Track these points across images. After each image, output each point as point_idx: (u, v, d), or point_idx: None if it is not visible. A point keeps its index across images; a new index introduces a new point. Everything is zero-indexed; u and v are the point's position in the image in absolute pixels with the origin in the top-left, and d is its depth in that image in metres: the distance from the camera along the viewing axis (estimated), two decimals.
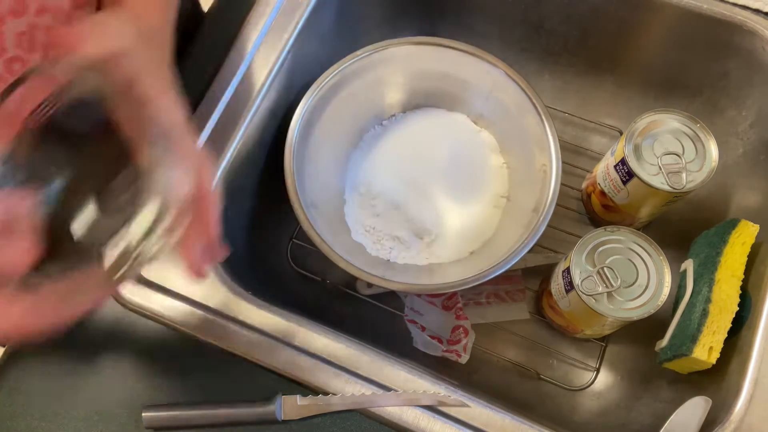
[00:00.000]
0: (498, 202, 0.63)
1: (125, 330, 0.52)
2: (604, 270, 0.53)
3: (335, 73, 0.61)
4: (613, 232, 0.54)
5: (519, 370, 0.64)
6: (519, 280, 0.66)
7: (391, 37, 0.62)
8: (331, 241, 0.56)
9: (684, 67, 0.66)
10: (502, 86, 0.61)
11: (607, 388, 0.63)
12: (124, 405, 0.49)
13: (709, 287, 0.52)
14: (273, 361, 0.50)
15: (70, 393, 0.50)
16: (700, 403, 0.48)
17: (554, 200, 0.55)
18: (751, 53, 0.60)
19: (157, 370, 0.51)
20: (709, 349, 0.50)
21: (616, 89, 0.72)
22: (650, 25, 0.65)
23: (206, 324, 0.51)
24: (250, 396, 0.49)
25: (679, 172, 0.55)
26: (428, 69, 0.64)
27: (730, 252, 0.53)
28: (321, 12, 0.63)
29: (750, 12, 0.60)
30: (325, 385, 0.49)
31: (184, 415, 0.48)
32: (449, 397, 0.48)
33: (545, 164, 0.57)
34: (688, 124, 0.57)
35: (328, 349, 0.50)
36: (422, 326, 0.64)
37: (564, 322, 0.60)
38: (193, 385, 0.50)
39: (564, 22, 0.68)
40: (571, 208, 0.69)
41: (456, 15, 0.72)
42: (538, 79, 0.72)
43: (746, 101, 0.62)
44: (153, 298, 0.52)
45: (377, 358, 0.50)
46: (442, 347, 0.63)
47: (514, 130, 0.63)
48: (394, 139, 0.66)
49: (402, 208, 0.62)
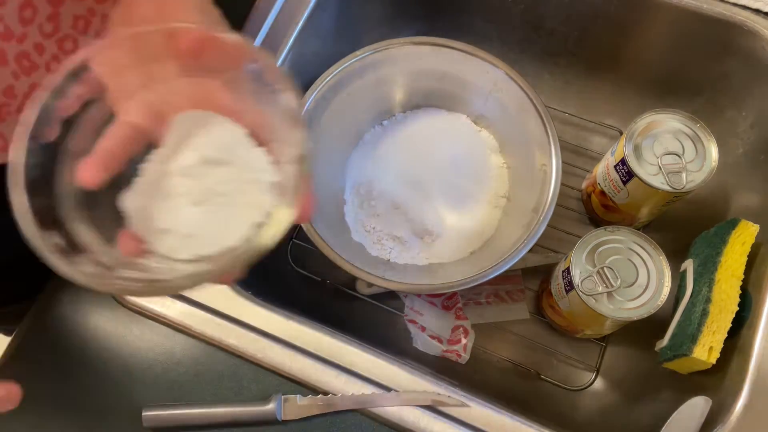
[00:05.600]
0: (498, 202, 0.63)
1: (125, 330, 0.52)
2: (604, 270, 0.53)
3: (335, 73, 0.61)
4: (613, 232, 0.54)
5: (519, 370, 0.64)
6: (519, 280, 0.66)
7: (391, 37, 0.62)
8: (332, 241, 0.56)
9: (684, 67, 0.66)
10: (502, 86, 0.61)
11: (607, 388, 0.63)
12: (124, 405, 0.49)
13: (709, 287, 0.52)
14: (273, 361, 0.50)
15: (70, 393, 0.50)
16: (700, 403, 0.48)
17: (554, 200, 0.55)
18: (751, 53, 0.60)
19: (157, 370, 0.51)
20: (709, 349, 0.50)
21: (616, 89, 0.72)
22: (650, 25, 0.65)
23: (206, 324, 0.51)
24: (250, 396, 0.49)
25: (679, 172, 0.55)
26: (428, 69, 0.64)
27: (730, 252, 0.53)
28: (321, 12, 0.63)
29: (750, 12, 0.60)
30: (325, 385, 0.49)
31: (184, 415, 0.48)
32: (449, 397, 0.48)
33: (545, 164, 0.57)
34: (688, 124, 0.57)
35: (328, 349, 0.50)
36: (422, 326, 0.64)
37: (564, 322, 0.60)
38: (193, 385, 0.50)
39: (564, 22, 0.68)
40: (571, 208, 0.69)
41: (456, 15, 0.72)
42: (538, 79, 0.72)
43: (746, 101, 0.62)
44: (153, 299, 0.52)
45: (377, 358, 0.50)
46: (442, 347, 0.63)
47: (514, 130, 0.63)
48: (395, 139, 0.66)
49: (402, 208, 0.62)
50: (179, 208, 0.33)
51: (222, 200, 0.33)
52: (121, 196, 0.34)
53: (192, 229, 0.33)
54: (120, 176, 0.33)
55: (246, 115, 0.34)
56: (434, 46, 0.62)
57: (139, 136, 0.34)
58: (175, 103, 0.34)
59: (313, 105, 0.60)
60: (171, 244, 0.33)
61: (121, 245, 0.33)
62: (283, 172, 0.32)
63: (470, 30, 0.72)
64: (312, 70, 0.61)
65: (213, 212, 0.33)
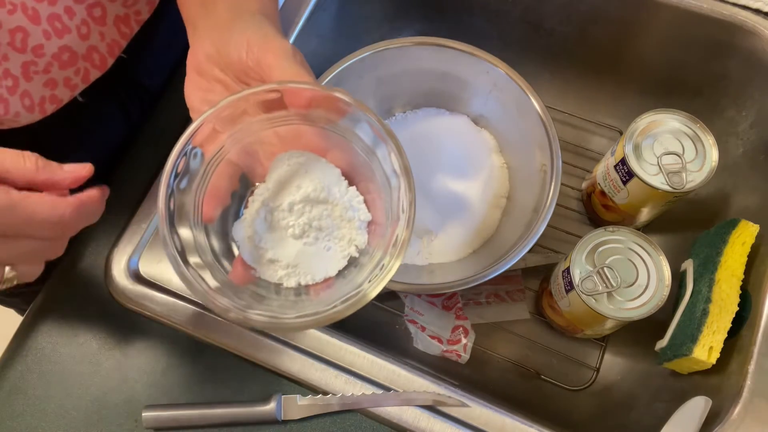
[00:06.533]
0: (498, 202, 0.63)
1: (125, 330, 0.52)
2: (604, 270, 0.53)
3: (335, 73, 0.61)
4: (613, 232, 0.54)
5: (519, 370, 0.64)
6: (519, 280, 0.66)
7: (391, 37, 0.62)
8: None
9: (684, 67, 0.66)
10: (502, 86, 0.61)
11: (607, 388, 0.63)
12: (124, 405, 0.49)
13: (709, 287, 0.52)
14: (273, 361, 0.50)
15: (70, 393, 0.50)
16: (700, 403, 0.48)
17: (554, 200, 0.55)
18: (751, 53, 0.60)
19: (157, 370, 0.51)
20: (709, 349, 0.50)
21: (616, 89, 0.72)
22: (650, 25, 0.65)
23: (207, 324, 0.51)
24: (250, 396, 0.49)
25: (679, 172, 0.55)
26: (428, 69, 0.64)
27: (730, 252, 0.53)
28: (321, 12, 0.63)
29: (750, 12, 0.60)
30: (325, 385, 0.49)
31: (184, 415, 0.48)
32: (449, 397, 0.48)
33: (545, 164, 0.57)
34: (688, 124, 0.57)
35: (328, 349, 0.50)
36: (422, 326, 0.64)
37: (564, 322, 0.60)
38: (193, 385, 0.50)
39: (564, 22, 0.68)
40: (571, 208, 0.69)
41: (456, 15, 0.72)
42: (538, 79, 0.72)
43: (746, 101, 0.62)
44: (153, 298, 0.52)
45: (377, 358, 0.50)
46: (442, 347, 0.63)
47: (514, 130, 0.63)
48: None
49: None
50: (283, 239, 0.37)
51: (320, 234, 0.37)
52: (234, 227, 0.38)
53: (294, 260, 0.37)
54: (230, 211, 0.38)
55: (336, 155, 0.37)
56: (434, 46, 0.62)
57: (238, 173, 0.38)
58: (268, 144, 0.38)
59: None
60: (278, 273, 0.37)
61: (232, 272, 0.37)
62: (377, 210, 0.36)
63: (470, 30, 0.72)
64: (312, 70, 0.61)
65: (311, 245, 0.37)
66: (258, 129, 0.37)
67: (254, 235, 0.37)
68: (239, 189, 0.39)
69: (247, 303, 0.35)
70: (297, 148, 0.38)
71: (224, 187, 0.38)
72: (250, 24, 0.39)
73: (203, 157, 0.36)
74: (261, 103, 0.35)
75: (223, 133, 0.36)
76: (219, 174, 0.37)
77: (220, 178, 0.37)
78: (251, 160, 0.39)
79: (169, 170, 0.34)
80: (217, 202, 0.37)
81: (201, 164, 0.36)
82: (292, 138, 0.38)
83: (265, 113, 0.36)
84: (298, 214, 0.37)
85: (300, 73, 0.37)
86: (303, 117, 0.36)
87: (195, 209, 0.36)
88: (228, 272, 0.37)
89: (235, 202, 0.39)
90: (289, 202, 0.37)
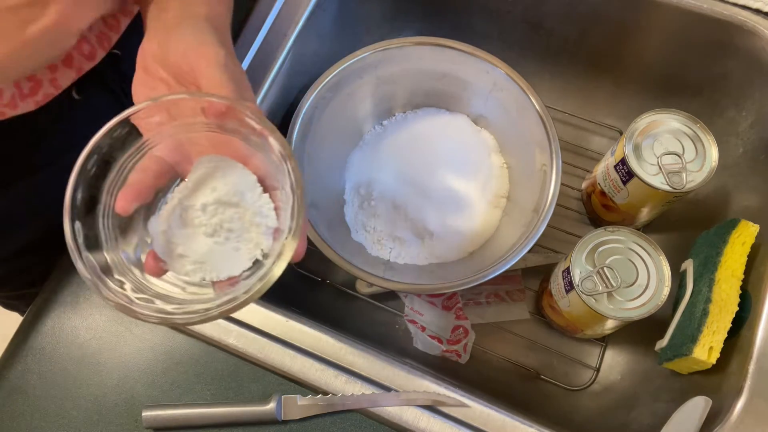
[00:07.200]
0: (498, 202, 0.63)
1: (125, 330, 0.52)
2: (604, 270, 0.53)
3: (335, 73, 0.61)
4: (613, 232, 0.54)
5: (519, 370, 0.64)
6: (519, 280, 0.66)
7: (391, 37, 0.62)
8: (331, 241, 0.56)
9: (684, 67, 0.66)
10: (502, 86, 0.61)
11: (607, 388, 0.63)
12: (124, 405, 0.49)
13: (709, 287, 0.52)
14: (273, 361, 0.50)
15: (70, 393, 0.50)
16: (700, 403, 0.48)
17: (554, 200, 0.55)
18: (751, 53, 0.60)
19: (157, 370, 0.51)
20: (709, 349, 0.50)
21: (616, 89, 0.72)
22: (650, 25, 0.65)
23: (206, 324, 0.51)
24: (250, 396, 0.49)
25: (679, 172, 0.55)
26: (428, 69, 0.64)
27: (730, 252, 0.53)
28: (321, 12, 0.63)
29: (750, 12, 0.60)
30: (325, 385, 0.49)
31: (184, 415, 0.48)
32: (449, 397, 0.48)
33: (545, 164, 0.57)
34: (688, 124, 0.57)
35: (328, 349, 0.50)
36: (422, 326, 0.64)
37: (564, 322, 0.60)
38: (193, 385, 0.50)
39: (564, 22, 0.68)
40: (571, 208, 0.69)
41: (456, 15, 0.72)
42: (538, 79, 0.72)
43: (746, 101, 0.62)
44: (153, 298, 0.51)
45: (377, 358, 0.50)
46: (442, 347, 0.63)
47: (514, 130, 0.63)
48: (395, 139, 0.66)
49: (402, 208, 0.62)
50: (195, 236, 0.39)
51: (230, 235, 0.39)
52: (150, 221, 0.40)
53: (203, 257, 0.39)
54: (149, 206, 0.40)
55: (256, 163, 0.39)
56: (434, 46, 0.62)
57: (167, 170, 0.39)
58: (200, 145, 0.40)
59: (313, 105, 0.60)
60: (186, 267, 0.39)
61: (145, 264, 0.38)
62: (284, 218, 0.37)
63: (470, 30, 0.72)
64: (312, 70, 0.61)
65: (221, 244, 0.39)
66: (184, 131, 0.39)
67: (168, 230, 0.39)
68: (167, 187, 0.41)
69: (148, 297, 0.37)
70: (223, 152, 0.39)
71: (145, 182, 0.38)
72: (192, 29, 0.40)
73: (123, 150, 0.38)
74: (189, 107, 0.38)
75: (147, 130, 0.38)
76: (141, 168, 0.38)
77: (141, 171, 0.38)
78: (182, 158, 0.40)
79: (83, 159, 0.36)
80: (135, 196, 0.38)
81: (120, 156, 0.38)
82: (220, 142, 0.39)
83: (191, 117, 0.38)
84: (211, 214, 0.38)
85: (222, 84, 0.38)
86: (221, 127, 0.38)
87: (108, 200, 0.38)
88: (135, 262, 0.39)
89: (160, 199, 0.41)
90: (203, 202, 0.38)
